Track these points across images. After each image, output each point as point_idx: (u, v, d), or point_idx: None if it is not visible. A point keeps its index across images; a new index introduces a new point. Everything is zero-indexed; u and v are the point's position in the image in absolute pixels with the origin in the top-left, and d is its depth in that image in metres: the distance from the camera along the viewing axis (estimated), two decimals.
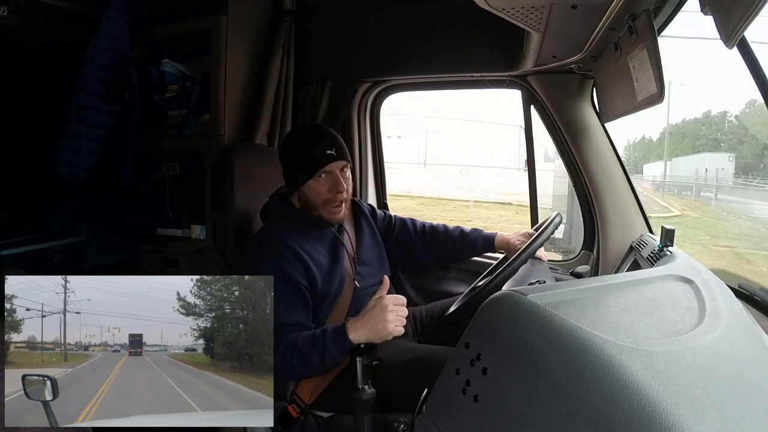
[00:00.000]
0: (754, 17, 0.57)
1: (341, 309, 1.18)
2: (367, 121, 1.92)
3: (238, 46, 1.63)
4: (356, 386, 0.88)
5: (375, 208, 1.43)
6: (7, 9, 1.50)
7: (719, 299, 0.73)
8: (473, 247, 1.41)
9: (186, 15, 1.64)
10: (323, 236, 1.21)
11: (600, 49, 1.22)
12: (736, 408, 0.52)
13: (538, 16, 1.06)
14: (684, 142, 11.08)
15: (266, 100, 1.66)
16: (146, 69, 1.68)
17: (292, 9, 1.71)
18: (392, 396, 0.97)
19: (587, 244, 1.62)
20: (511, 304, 0.61)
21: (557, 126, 1.55)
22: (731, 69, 1.27)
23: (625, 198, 1.51)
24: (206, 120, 1.63)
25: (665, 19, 1.06)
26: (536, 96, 1.58)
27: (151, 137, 1.73)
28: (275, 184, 1.28)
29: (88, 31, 1.67)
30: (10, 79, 1.93)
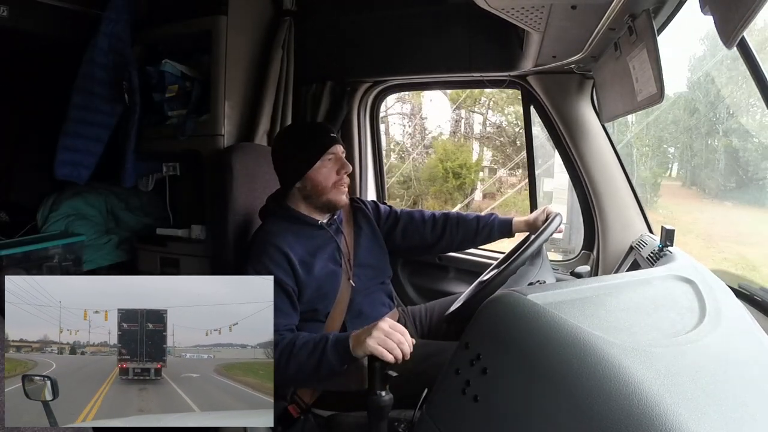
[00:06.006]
0: (754, 17, 0.57)
1: (340, 309, 1.18)
2: (367, 121, 1.92)
3: (238, 46, 1.63)
4: (373, 391, 0.86)
5: (378, 203, 1.41)
6: (7, 9, 1.50)
7: (719, 299, 0.73)
8: (489, 233, 1.35)
9: (186, 15, 1.64)
10: (318, 236, 1.21)
11: (600, 49, 1.22)
12: (736, 408, 0.52)
13: (538, 16, 1.06)
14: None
15: (266, 100, 1.66)
16: (146, 69, 1.68)
17: (292, 9, 1.71)
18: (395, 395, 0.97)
19: (587, 244, 1.62)
20: (511, 304, 0.61)
21: (557, 126, 1.54)
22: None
23: (625, 198, 1.51)
24: (206, 120, 1.63)
25: (665, 19, 1.06)
26: (536, 96, 1.58)
27: (151, 137, 1.73)
28: (275, 184, 1.28)
29: (88, 31, 1.67)
30: (10, 79, 1.93)
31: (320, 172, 1.18)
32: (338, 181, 1.19)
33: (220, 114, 1.61)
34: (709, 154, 3.96)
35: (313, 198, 1.20)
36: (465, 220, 1.36)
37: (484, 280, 1.18)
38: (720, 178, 3.61)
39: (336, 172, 1.19)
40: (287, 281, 1.10)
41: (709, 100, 3.65)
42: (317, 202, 1.20)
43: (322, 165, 1.18)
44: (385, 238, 1.35)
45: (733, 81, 3.00)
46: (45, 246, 1.73)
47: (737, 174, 3.38)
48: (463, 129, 8.89)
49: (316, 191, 1.19)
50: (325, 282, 1.16)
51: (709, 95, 3.63)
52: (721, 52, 2.51)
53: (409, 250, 1.42)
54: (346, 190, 1.22)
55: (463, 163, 8.18)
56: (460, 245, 1.41)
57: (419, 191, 7.85)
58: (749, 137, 3.12)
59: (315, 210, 1.22)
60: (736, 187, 3.41)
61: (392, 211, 1.39)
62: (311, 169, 1.18)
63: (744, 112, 3.17)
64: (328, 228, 1.23)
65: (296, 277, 1.12)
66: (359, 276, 1.23)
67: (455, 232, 1.36)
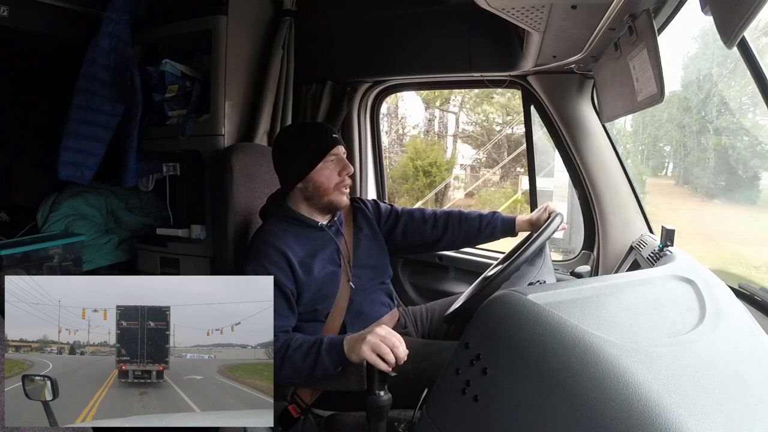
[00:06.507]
0: (754, 17, 0.57)
1: (340, 309, 1.18)
2: (367, 121, 1.92)
3: (238, 46, 1.63)
4: (372, 392, 0.87)
5: (379, 202, 1.40)
6: (7, 9, 1.50)
7: (720, 299, 0.73)
8: (492, 232, 1.33)
9: (186, 15, 1.64)
10: (318, 237, 1.21)
11: (600, 49, 1.22)
12: (736, 408, 0.52)
13: (538, 16, 1.06)
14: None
15: (266, 100, 1.66)
16: (146, 69, 1.68)
17: (292, 9, 1.71)
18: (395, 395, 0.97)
19: (587, 244, 1.62)
20: (511, 304, 0.61)
21: (557, 126, 1.55)
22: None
23: (625, 198, 1.51)
24: (206, 120, 1.63)
25: (665, 19, 1.06)
26: (536, 96, 1.58)
27: (151, 137, 1.73)
28: (275, 184, 1.28)
29: (89, 31, 1.67)
30: (10, 79, 1.93)
31: (322, 173, 1.18)
32: (340, 183, 1.19)
33: (220, 114, 1.61)
34: (701, 152, 3.96)
35: (314, 199, 1.20)
36: (467, 219, 1.35)
37: (488, 276, 1.17)
38: (710, 176, 3.62)
39: (338, 174, 1.19)
40: (285, 282, 1.10)
41: (700, 98, 3.65)
42: (318, 203, 1.20)
43: (324, 166, 1.18)
44: (385, 237, 1.34)
45: (723, 79, 3.01)
46: (45, 246, 1.73)
47: (726, 173, 3.39)
48: (437, 128, 9.13)
49: (318, 192, 1.19)
50: (325, 283, 1.16)
51: (701, 93, 3.63)
52: (710, 50, 2.52)
53: (410, 249, 1.41)
54: (348, 191, 1.22)
55: (434, 162, 8.39)
56: (462, 244, 1.40)
57: (392, 189, 8.07)
58: (739, 136, 3.13)
59: (316, 211, 1.22)
60: (726, 186, 3.41)
61: (393, 209, 1.38)
62: (313, 170, 1.17)
63: (737, 111, 3.17)
64: (328, 229, 1.23)
65: (295, 279, 1.12)
66: (359, 276, 1.23)
67: (457, 231, 1.34)
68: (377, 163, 1.98)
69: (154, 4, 1.75)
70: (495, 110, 8.98)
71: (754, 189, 2.94)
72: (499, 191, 8.44)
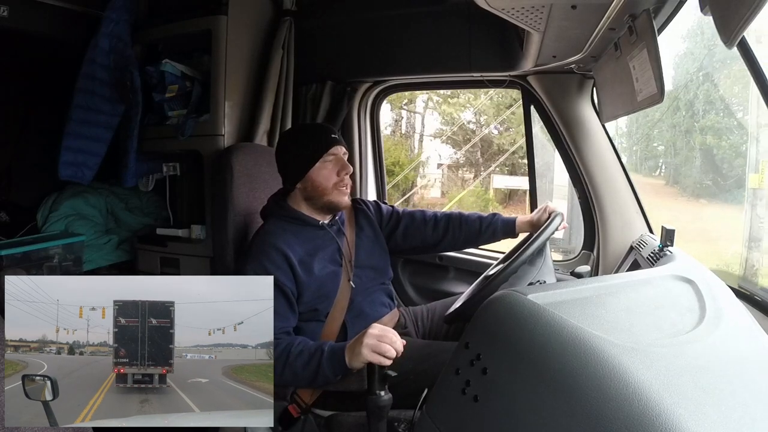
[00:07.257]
0: (754, 17, 0.57)
1: (340, 309, 1.18)
2: (367, 121, 1.92)
3: (238, 46, 1.63)
4: (372, 392, 0.87)
5: (380, 203, 1.41)
6: (7, 9, 1.50)
7: (720, 299, 0.73)
8: (492, 233, 1.33)
9: (186, 15, 1.64)
10: (319, 237, 1.21)
11: (600, 49, 1.22)
12: (736, 408, 0.52)
13: (538, 16, 1.06)
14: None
15: (266, 100, 1.66)
16: (146, 69, 1.68)
17: (292, 9, 1.71)
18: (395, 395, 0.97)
19: (587, 244, 1.62)
20: (511, 304, 0.61)
21: (557, 126, 1.55)
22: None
23: (625, 198, 1.51)
24: (206, 120, 1.63)
25: (665, 19, 1.06)
26: (536, 96, 1.58)
27: (151, 137, 1.73)
28: (275, 184, 1.28)
29: (89, 31, 1.67)
30: (10, 79, 1.93)
31: (320, 172, 1.18)
32: (339, 183, 1.19)
33: (220, 114, 1.61)
34: (688, 152, 3.98)
35: (314, 199, 1.20)
36: (468, 220, 1.36)
37: (489, 275, 1.17)
38: (696, 176, 3.65)
39: (336, 173, 1.19)
40: (286, 283, 1.10)
41: (689, 98, 3.67)
42: (318, 203, 1.20)
43: (322, 166, 1.18)
44: (386, 239, 1.35)
45: (709, 79, 3.02)
46: (45, 246, 1.74)
47: (712, 173, 3.41)
48: (404, 128, 9.35)
49: (317, 192, 1.19)
50: (325, 282, 1.16)
51: (689, 93, 3.64)
52: (699, 49, 2.53)
53: (411, 250, 1.42)
54: (348, 191, 1.22)
55: (396, 161, 8.63)
56: (463, 245, 1.40)
57: None
58: (723, 135, 3.15)
59: (316, 211, 1.22)
60: (713, 185, 3.44)
61: (394, 211, 1.39)
62: (311, 169, 1.18)
63: (721, 110, 3.19)
64: (330, 229, 1.23)
65: (296, 278, 1.12)
66: (359, 277, 1.23)
67: (458, 233, 1.35)
68: (377, 163, 1.98)
69: (154, 4, 1.75)
70: (454, 110, 9.25)
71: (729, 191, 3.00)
72: (461, 188, 8.69)
